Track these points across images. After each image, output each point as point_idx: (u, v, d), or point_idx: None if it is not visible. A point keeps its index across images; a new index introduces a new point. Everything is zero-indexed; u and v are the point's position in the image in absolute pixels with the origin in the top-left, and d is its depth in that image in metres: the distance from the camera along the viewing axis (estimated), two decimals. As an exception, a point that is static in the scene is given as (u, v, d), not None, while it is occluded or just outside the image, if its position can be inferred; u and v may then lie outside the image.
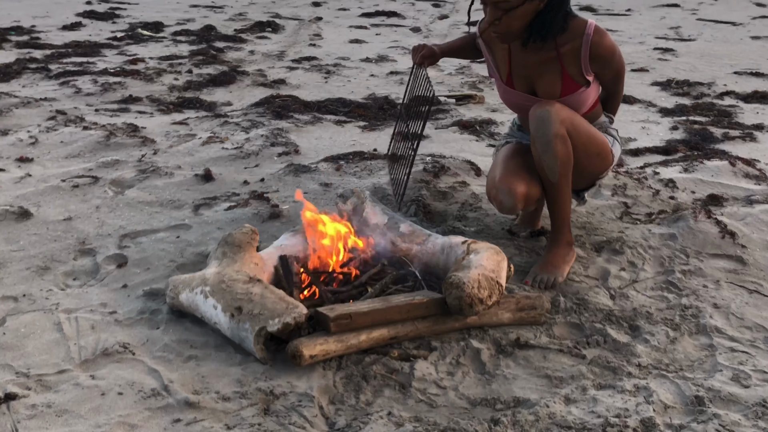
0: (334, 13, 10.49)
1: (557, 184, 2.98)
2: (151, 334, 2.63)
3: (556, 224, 3.09)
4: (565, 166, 2.94)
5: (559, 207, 3.06)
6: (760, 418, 2.23)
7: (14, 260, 3.13)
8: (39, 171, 4.15)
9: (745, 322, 2.76)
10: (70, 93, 5.87)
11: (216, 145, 4.51)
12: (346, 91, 6.20)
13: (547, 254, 3.07)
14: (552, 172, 2.94)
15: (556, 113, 2.88)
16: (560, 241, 3.07)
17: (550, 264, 3.02)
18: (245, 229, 2.96)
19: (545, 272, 2.98)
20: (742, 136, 5.01)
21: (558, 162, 2.91)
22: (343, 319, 2.46)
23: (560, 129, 2.88)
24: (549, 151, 2.89)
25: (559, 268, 3.01)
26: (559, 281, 2.96)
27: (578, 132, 2.95)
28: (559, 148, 2.89)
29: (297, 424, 2.19)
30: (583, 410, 2.26)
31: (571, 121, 2.92)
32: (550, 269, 3.00)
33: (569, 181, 3.00)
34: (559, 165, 2.92)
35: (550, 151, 2.89)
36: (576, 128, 2.94)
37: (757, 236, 3.35)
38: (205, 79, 6.39)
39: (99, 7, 10.43)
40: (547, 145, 2.89)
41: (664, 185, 3.88)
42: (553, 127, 2.87)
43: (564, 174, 2.96)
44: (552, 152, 2.89)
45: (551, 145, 2.88)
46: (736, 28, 9.89)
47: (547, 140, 2.88)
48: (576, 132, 2.94)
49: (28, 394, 2.29)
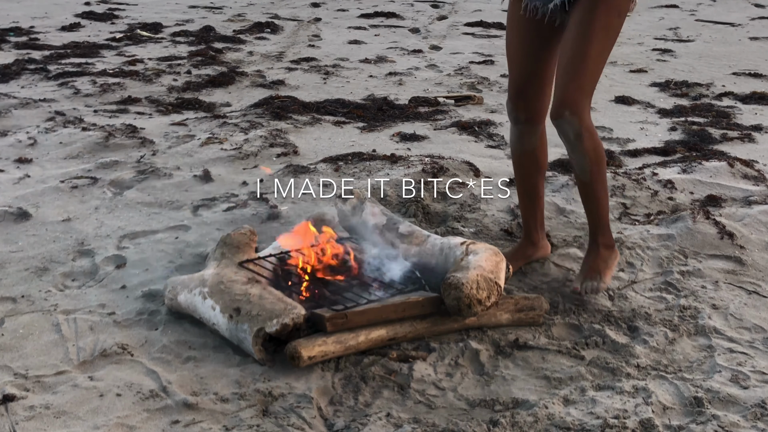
0: (333, 14, 10.49)
1: (590, 183, 2.83)
2: (149, 335, 2.63)
3: (593, 226, 2.94)
4: (597, 162, 2.80)
5: (594, 207, 2.90)
6: (759, 419, 2.23)
7: (13, 261, 3.13)
8: (38, 172, 4.15)
9: (743, 322, 2.76)
10: (68, 94, 5.86)
11: (215, 145, 4.51)
12: (345, 91, 6.19)
13: (587, 259, 2.93)
14: (583, 170, 2.82)
15: (573, 108, 2.73)
16: (599, 245, 2.92)
17: (591, 270, 2.87)
18: (244, 230, 2.96)
19: (589, 279, 2.85)
20: (740, 137, 5.02)
21: (587, 159, 2.78)
22: (339, 319, 2.46)
23: (583, 122, 2.74)
24: (576, 149, 2.78)
25: (601, 272, 2.86)
26: (601, 287, 2.83)
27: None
28: (587, 144, 2.76)
29: (296, 426, 2.19)
30: (582, 411, 2.26)
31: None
32: (592, 275, 2.86)
33: (604, 178, 2.86)
34: (589, 162, 2.79)
35: (578, 150, 2.78)
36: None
37: (756, 237, 3.35)
38: (204, 80, 6.39)
39: (97, 8, 10.42)
40: (573, 143, 2.77)
41: (662, 186, 3.88)
42: (573, 124, 2.73)
43: (596, 171, 2.81)
44: (580, 150, 2.77)
45: (578, 142, 2.76)
46: (735, 29, 9.89)
47: (572, 138, 2.76)
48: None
49: (27, 396, 2.29)
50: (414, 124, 5.23)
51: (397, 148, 4.64)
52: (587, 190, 2.88)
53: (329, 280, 2.78)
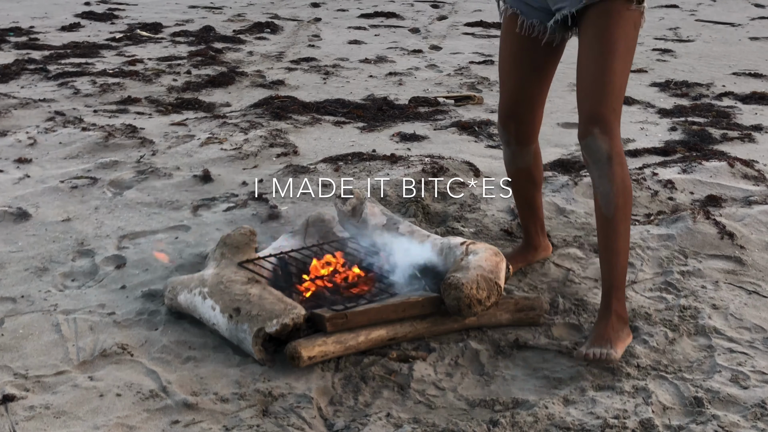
0: (333, 14, 10.49)
1: (613, 219, 2.51)
2: (149, 336, 2.63)
3: (607, 284, 2.57)
4: (624, 194, 2.51)
5: (612, 256, 2.55)
6: (759, 419, 2.23)
7: (13, 261, 3.13)
8: (38, 172, 4.15)
9: (743, 322, 2.76)
10: (68, 94, 5.86)
11: (215, 146, 4.51)
12: (345, 91, 6.19)
13: (597, 327, 2.56)
14: (607, 201, 2.50)
15: (604, 126, 2.51)
16: (611, 312, 2.55)
17: (600, 338, 2.50)
18: (243, 230, 2.96)
19: (597, 345, 2.47)
20: (740, 137, 5.01)
21: (614, 187, 2.49)
22: (339, 319, 2.46)
23: (615, 143, 2.49)
24: (604, 174, 2.50)
25: (611, 341, 2.48)
26: (613, 357, 2.43)
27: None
28: (616, 169, 2.49)
29: (295, 426, 2.19)
30: (582, 411, 2.26)
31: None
32: (601, 342, 2.48)
33: (628, 219, 2.53)
34: (616, 192, 2.49)
35: (606, 175, 2.49)
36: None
37: (756, 237, 3.35)
38: (203, 80, 6.39)
39: (97, 8, 10.42)
40: (602, 166, 2.50)
41: (662, 186, 3.88)
42: (602, 144, 2.49)
43: (622, 205, 2.50)
44: (608, 175, 2.49)
45: (608, 165, 2.49)
46: (735, 29, 9.89)
47: (602, 159, 2.49)
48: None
49: (27, 396, 2.29)
50: (414, 124, 5.23)
51: (397, 148, 4.64)
52: (608, 231, 2.54)
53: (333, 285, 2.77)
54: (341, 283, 2.75)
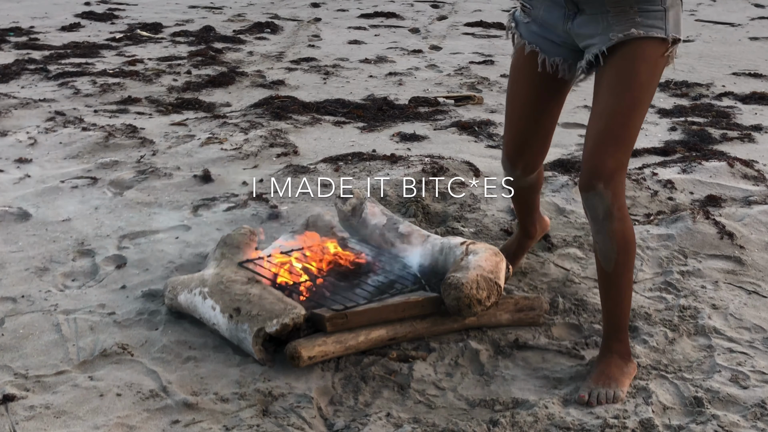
0: (333, 14, 10.48)
1: (612, 275, 2.40)
2: (149, 335, 2.63)
3: (608, 328, 2.47)
4: (625, 251, 2.38)
5: (613, 306, 2.44)
6: (759, 419, 2.23)
7: (13, 261, 3.13)
8: (38, 172, 4.15)
9: (743, 322, 2.76)
10: (68, 94, 5.86)
11: (215, 146, 4.51)
12: (345, 92, 6.19)
13: (599, 364, 2.44)
14: (606, 258, 2.39)
15: (608, 182, 2.34)
16: (612, 352, 2.45)
17: (604, 375, 2.38)
18: (244, 230, 2.96)
19: (601, 385, 2.35)
20: (740, 137, 5.01)
21: (614, 245, 2.36)
22: (339, 319, 2.46)
23: (617, 199, 2.35)
24: (603, 231, 2.36)
25: (616, 380, 2.37)
26: (620, 396, 2.33)
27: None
28: (616, 226, 2.35)
29: (296, 426, 2.19)
30: (582, 411, 2.26)
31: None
32: (605, 381, 2.36)
33: (630, 271, 2.42)
34: (616, 249, 2.36)
35: (605, 232, 2.36)
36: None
37: (756, 237, 3.35)
38: (204, 80, 6.39)
39: (97, 8, 10.42)
40: (600, 223, 2.37)
41: (662, 186, 3.88)
42: (605, 200, 2.33)
43: (622, 262, 2.38)
44: (607, 232, 2.36)
45: (606, 222, 2.35)
46: (735, 29, 9.89)
47: (600, 217, 2.36)
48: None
49: (27, 396, 2.29)
50: (414, 124, 5.23)
51: (397, 148, 4.64)
52: (608, 284, 2.43)
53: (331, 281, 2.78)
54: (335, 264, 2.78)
